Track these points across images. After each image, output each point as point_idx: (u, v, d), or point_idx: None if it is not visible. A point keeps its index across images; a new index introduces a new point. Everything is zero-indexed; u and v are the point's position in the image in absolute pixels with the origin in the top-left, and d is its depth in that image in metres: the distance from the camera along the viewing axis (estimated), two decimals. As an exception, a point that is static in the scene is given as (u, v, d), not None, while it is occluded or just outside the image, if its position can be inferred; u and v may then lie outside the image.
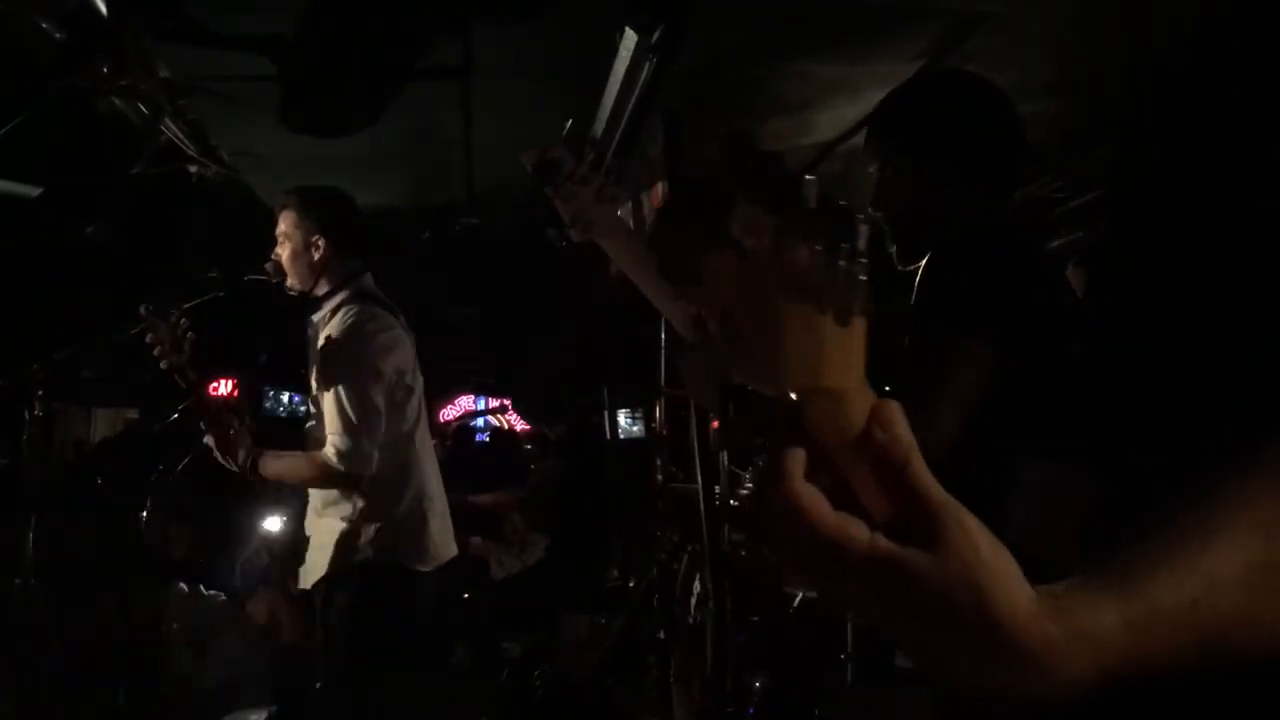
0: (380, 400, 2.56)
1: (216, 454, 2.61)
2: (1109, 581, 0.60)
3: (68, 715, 3.69)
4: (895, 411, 0.59)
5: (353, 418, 2.51)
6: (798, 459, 0.59)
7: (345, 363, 2.56)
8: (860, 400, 0.59)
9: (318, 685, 2.57)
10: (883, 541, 0.57)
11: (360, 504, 2.59)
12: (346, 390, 2.52)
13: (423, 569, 2.67)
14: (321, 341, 2.63)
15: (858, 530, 0.58)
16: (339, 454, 2.49)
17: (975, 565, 0.57)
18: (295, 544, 2.67)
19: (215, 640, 3.91)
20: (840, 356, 0.59)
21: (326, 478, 2.56)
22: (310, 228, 2.67)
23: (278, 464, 2.61)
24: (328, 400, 2.55)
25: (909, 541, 0.57)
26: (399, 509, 2.64)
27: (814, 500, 0.58)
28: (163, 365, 2.50)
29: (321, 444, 2.57)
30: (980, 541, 0.58)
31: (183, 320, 2.51)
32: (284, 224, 2.70)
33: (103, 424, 8.88)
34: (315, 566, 2.63)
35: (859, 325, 0.59)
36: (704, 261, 0.59)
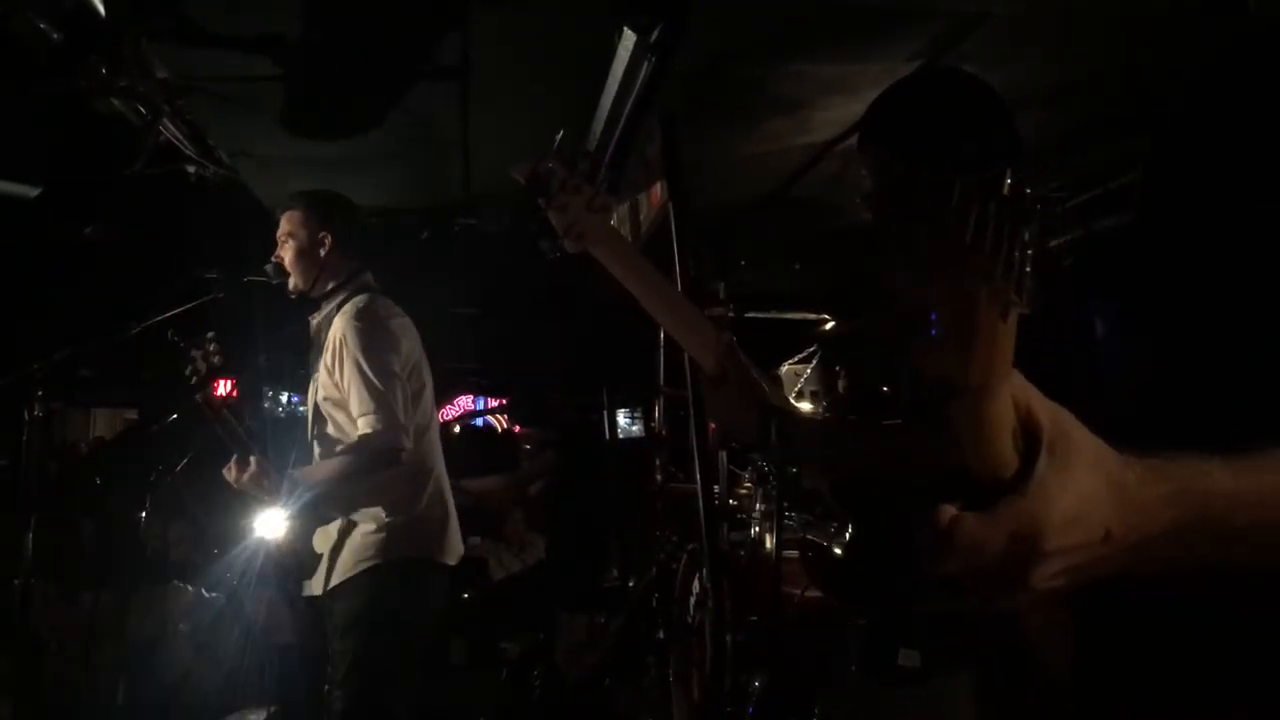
0: (401, 373, 2.57)
1: (249, 488, 2.59)
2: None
3: (67, 715, 3.70)
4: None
5: (381, 390, 2.49)
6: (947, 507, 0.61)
7: (364, 341, 2.54)
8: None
9: (331, 688, 2.54)
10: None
11: (380, 505, 2.57)
12: (369, 367, 2.51)
13: (449, 562, 2.68)
14: (332, 330, 2.63)
15: (1020, 511, 0.61)
16: (375, 431, 2.46)
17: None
18: (298, 549, 2.65)
19: (214, 640, 3.91)
20: (1007, 350, 0.59)
21: (369, 460, 2.51)
22: (316, 225, 2.70)
23: (313, 474, 2.57)
24: (351, 382, 2.52)
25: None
26: (420, 505, 2.63)
27: (975, 522, 0.60)
28: (198, 397, 2.51)
29: (332, 441, 2.59)
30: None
31: (213, 345, 2.53)
32: (288, 224, 2.72)
33: (101, 424, 8.88)
34: (332, 570, 2.59)
35: (1014, 321, 0.58)
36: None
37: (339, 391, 2.57)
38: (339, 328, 2.59)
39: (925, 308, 0.60)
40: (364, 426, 2.48)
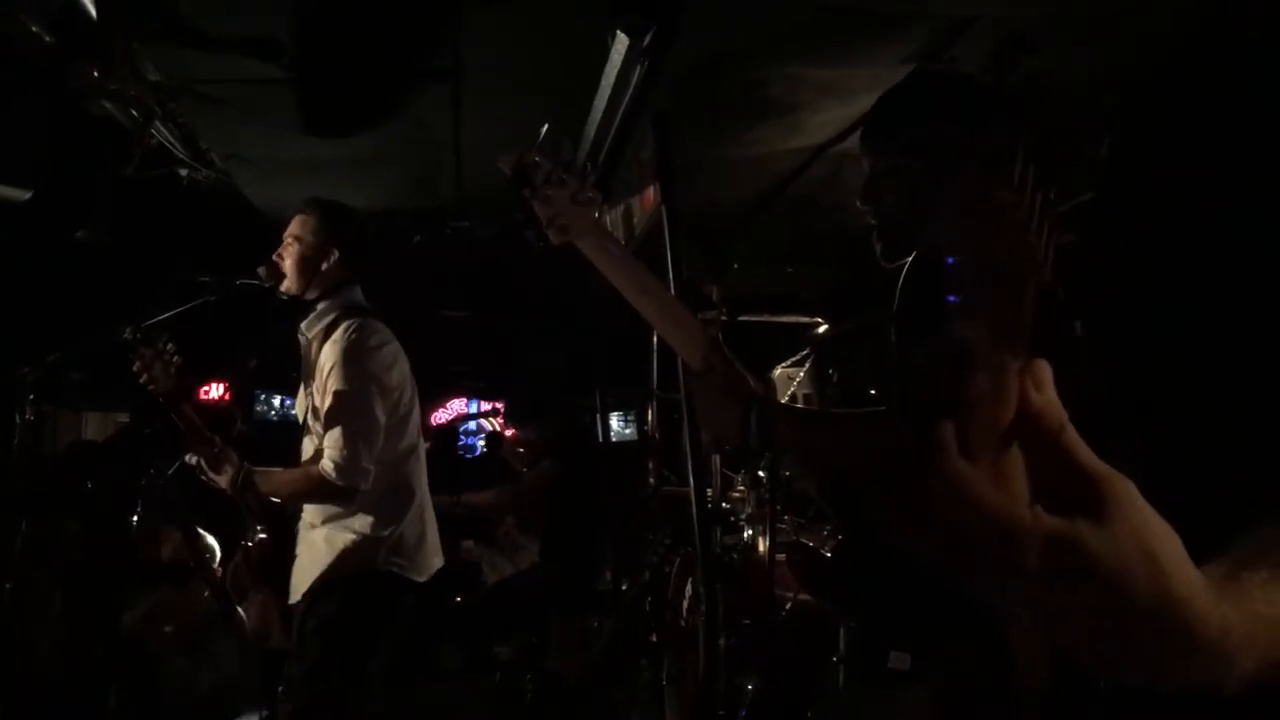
0: (381, 415, 2.56)
1: (206, 475, 2.59)
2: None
3: (57, 718, 3.68)
4: (1048, 373, 0.53)
5: (352, 431, 2.50)
6: (950, 436, 0.52)
7: (348, 376, 2.54)
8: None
9: (287, 692, 2.53)
10: (1047, 517, 0.51)
11: (365, 518, 2.59)
12: (348, 403, 2.52)
13: (418, 580, 2.69)
14: (321, 356, 2.63)
15: (1020, 509, 0.51)
16: (336, 467, 2.48)
17: (1147, 535, 0.50)
18: (279, 554, 2.64)
19: (206, 643, 3.89)
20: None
21: (321, 491, 2.54)
22: (326, 236, 2.69)
23: (271, 481, 2.60)
24: (328, 413, 2.54)
25: (1074, 514, 0.52)
26: (403, 523, 2.65)
27: (975, 478, 0.51)
28: (149, 390, 2.50)
29: (317, 454, 2.57)
30: (1147, 509, 0.51)
31: (169, 345, 2.51)
32: (298, 228, 2.70)
33: (93, 427, 8.84)
34: (308, 577, 2.60)
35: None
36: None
37: (323, 413, 2.59)
38: (328, 355, 2.60)
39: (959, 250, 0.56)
40: (327, 464, 2.49)
